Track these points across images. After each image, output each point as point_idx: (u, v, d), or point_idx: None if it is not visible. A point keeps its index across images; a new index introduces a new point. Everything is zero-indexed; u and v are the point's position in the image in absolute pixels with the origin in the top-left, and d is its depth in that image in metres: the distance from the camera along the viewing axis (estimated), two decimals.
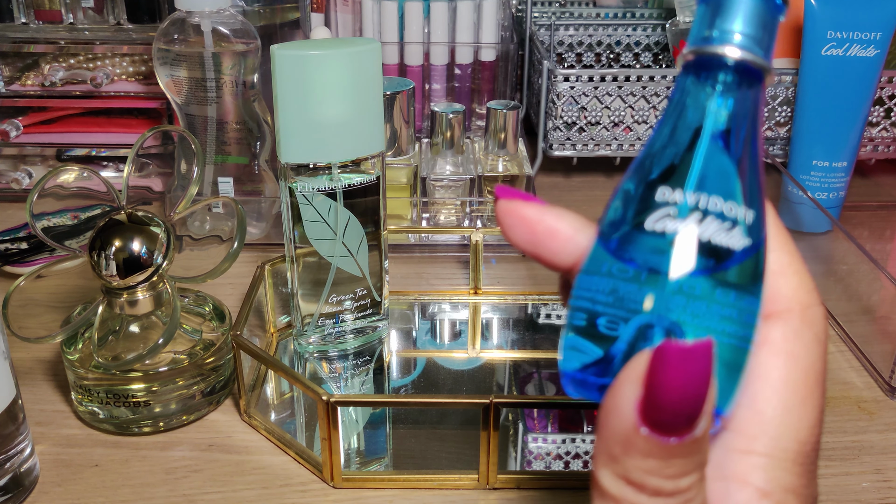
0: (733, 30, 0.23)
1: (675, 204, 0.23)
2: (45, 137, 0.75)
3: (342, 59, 0.46)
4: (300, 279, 0.52)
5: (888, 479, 0.45)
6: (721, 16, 0.23)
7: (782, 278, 0.24)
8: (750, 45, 0.23)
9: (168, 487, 0.44)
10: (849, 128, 0.69)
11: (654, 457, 0.20)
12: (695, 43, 0.24)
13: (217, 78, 0.63)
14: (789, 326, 0.24)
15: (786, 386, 0.23)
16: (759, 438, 0.23)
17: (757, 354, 0.23)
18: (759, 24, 0.23)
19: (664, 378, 0.20)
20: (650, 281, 0.22)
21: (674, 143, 0.24)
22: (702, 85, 0.24)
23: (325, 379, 0.53)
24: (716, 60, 0.23)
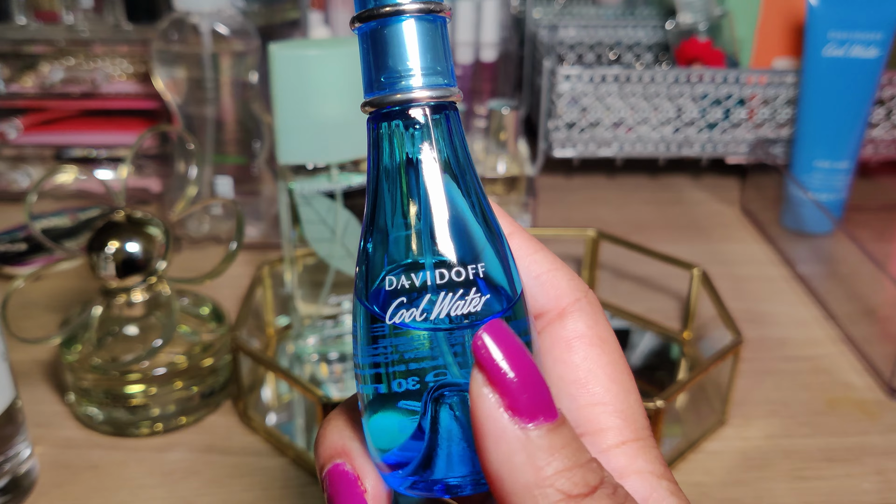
0: (407, 71, 0.21)
1: (403, 290, 0.22)
2: (44, 138, 0.75)
3: (341, 58, 0.46)
4: (299, 280, 0.52)
5: (889, 481, 0.45)
6: (390, 54, 0.22)
7: (557, 274, 0.24)
8: (428, 81, 0.22)
9: (166, 489, 0.44)
10: (850, 128, 0.69)
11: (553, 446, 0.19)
12: (370, 92, 0.22)
13: (216, 78, 0.63)
14: (587, 314, 0.24)
15: (615, 369, 0.23)
16: (619, 429, 0.23)
17: (573, 352, 0.23)
18: (432, 51, 0.22)
19: (497, 362, 0.19)
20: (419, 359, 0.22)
21: (385, 209, 0.22)
22: (392, 135, 0.22)
23: (324, 381, 0.53)
24: (400, 108, 0.22)
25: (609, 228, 0.62)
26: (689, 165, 0.85)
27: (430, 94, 0.21)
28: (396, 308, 0.22)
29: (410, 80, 0.21)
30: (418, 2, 0.21)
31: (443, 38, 0.22)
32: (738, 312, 0.58)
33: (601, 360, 0.23)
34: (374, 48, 0.22)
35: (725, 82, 0.74)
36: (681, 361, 0.55)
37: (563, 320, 0.23)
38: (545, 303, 0.24)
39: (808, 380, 0.53)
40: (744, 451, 0.47)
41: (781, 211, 0.71)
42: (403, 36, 0.21)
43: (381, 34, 0.22)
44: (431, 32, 0.22)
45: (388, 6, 0.21)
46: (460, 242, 0.22)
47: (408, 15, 0.21)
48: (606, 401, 0.23)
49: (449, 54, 0.22)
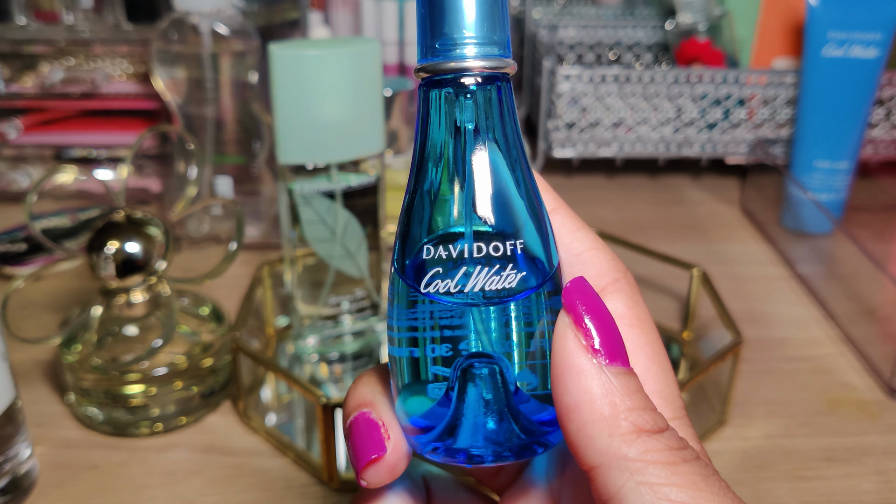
0: (463, 38, 0.21)
1: (442, 260, 0.22)
2: (44, 138, 0.75)
3: (341, 58, 0.46)
4: (299, 280, 0.52)
5: (890, 481, 0.45)
6: (447, 20, 0.21)
7: (598, 253, 0.25)
8: (483, 51, 0.21)
9: (166, 489, 0.43)
10: (850, 128, 0.69)
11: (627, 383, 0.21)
12: (423, 58, 0.22)
13: (215, 78, 0.63)
14: (626, 294, 0.24)
15: (653, 350, 0.24)
16: (659, 407, 0.23)
17: (637, 350, 0.24)
18: (488, 20, 0.21)
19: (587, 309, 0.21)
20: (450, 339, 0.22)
21: (429, 177, 0.22)
22: (443, 101, 0.22)
23: (324, 381, 0.53)
24: (453, 76, 0.22)
25: (609, 228, 0.62)
26: (688, 165, 0.85)
27: (484, 64, 0.21)
28: (432, 278, 0.22)
29: (465, 48, 0.21)
30: None
31: (501, 7, 0.22)
32: (737, 312, 0.58)
33: (640, 341, 0.24)
34: (431, 13, 0.21)
35: (725, 82, 0.75)
36: (681, 361, 0.55)
37: (604, 297, 0.24)
38: (599, 281, 0.24)
39: (808, 380, 0.53)
40: (744, 451, 0.47)
41: (781, 211, 0.71)
42: (461, 2, 0.21)
43: None
44: (489, 1, 0.21)
45: None
46: (501, 216, 0.22)
47: None
48: (646, 381, 0.23)
49: (506, 25, 0.22)
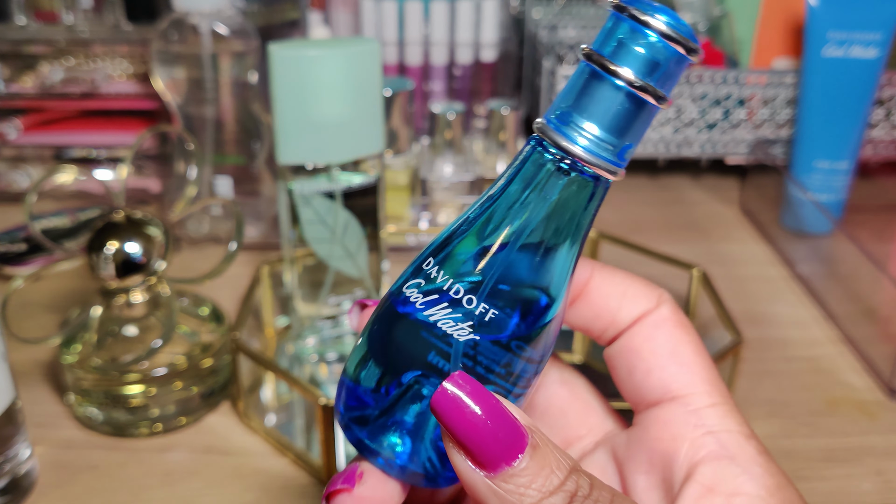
0: (584, 129, 0.21)
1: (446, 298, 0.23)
2: (44, 138, 0.75)
3: (341, 59, 0.46)
4: (299, 281, 0.52)
5: (889, 481, 0.45)
6: (590, 106, 0.21)
7: (636, 282, 0.27)
8: (598, 149, 0.21)
9: (166, 490, 0.43)
10: (850, 129, 0.69)
11: None
12: (553, 118, 0.22)
13: (215, 78, 0.63)
14: (670, 304, 0.27)
15: (697, 347, 0.26)
16: (708, 393, 0.25)
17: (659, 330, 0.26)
18: (622, 127, 0.21)
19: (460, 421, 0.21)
20: None
21: (503, 216, 0.23)
22: (573, 182, 0.22)
23: (324, 382, 0.53)
24: (557, 152, 0.22)
25: (609, 229, 0.62)
26: (688, 166, 0.85)
27: (591, 158, 0.22)
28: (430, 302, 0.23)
29: (583, 138, 0.21)
30: (650, 83, 0.21)
31: (642, 124, 0.22)
32: (737, 313, 0.58)
33: (685, 339, 0.26)
34: (584, 90, 0.21)
35: (725, 82, 0.74)
36: None
37: (657, 310, 0.26)
38: (639, 310, 0.26)
39: (808, 380, 0.53)
40: None
41: (781, 211, 0.71)
42: (613, 100, 0.21)
43: (597, 82, 0.21)
44: (635, 113, 0.21)
45: (625, 70, 0.21)
46: (522, 297, 0.23)
47: (631, 89, 0.21)
48: (695, 371, 0.25)
49: (637, 140, 0.22)
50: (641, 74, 0.21)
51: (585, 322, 0.27)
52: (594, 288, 0.27)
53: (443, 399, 0.21)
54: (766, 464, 0.23)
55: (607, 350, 0.27)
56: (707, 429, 0.24)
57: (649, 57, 0.21)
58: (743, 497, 0.23)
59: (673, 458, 0.24)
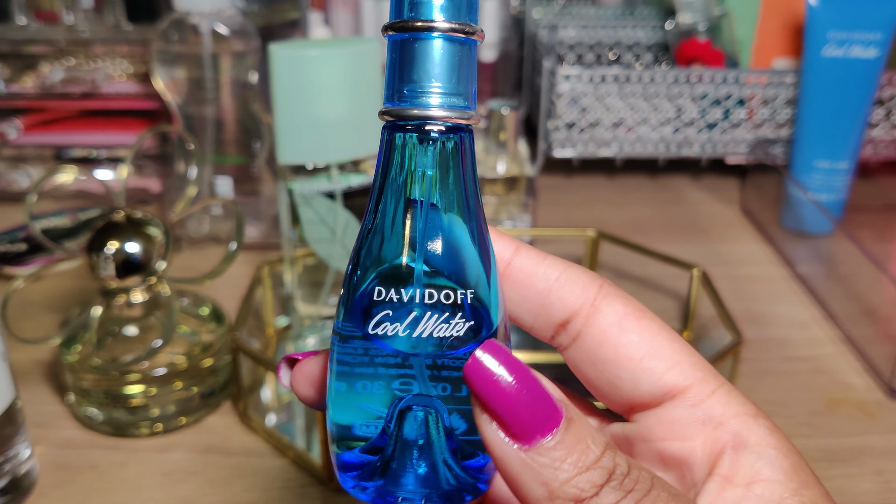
0: (430, 87, 0.22)
1: (391, 303, 0.22)
2: (44, 138, 0.75)
3: (341, 58, 0.46)
4: (299, 280, 0.52)
5: (889, 481, 0.45)
6: (416, 68, 0.22)
7: (572, 272, 0.25)
8: (449, 101, 0.22)
9: (166, 490, 0.43)
10: (850, 128, 0.69)
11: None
12: (390, 101, 0.22)
13: (216, 78, 0.63)
14: (616, 296, 0.25)
15: (668, 332, 0.25)
16: (704, 380, 0.24)
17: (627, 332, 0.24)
18: (457, 72, 0.22)
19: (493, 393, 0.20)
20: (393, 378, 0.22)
21: (387, 219, 0.22)
22: (405, 146, 0.22)
23: None
24: (415, 123, 0.22)
25: (609, 229, 0.62)
26: (688, 166, 0.85)
27: (449, 114, 0.22)
28: (381, 319, 0.22)
29: (431, 97, 0.22)
30: (452, 21, 0.21)
31: (470, 60, 0.22)
32: (737, 313, 0.58)
33: (653, 328, 0.25)
34: (402, 59, 0.22)
35: (725, 82, 0.74)
36: None
37: (600, 310, 0.24)
38: (574, 300, 0.24)
39: (808, 380, 0.53)
40: None
41: (781, 211, 0.71)
42: (432, 53, 0.21)
43: (410, 46, 0.22)
44: (459, 53, 0.22)
45: (422, 21, 0.21)
46: (454, 265, 0.22)
47: (440, 33, 0.21)
48: (680, 360, 0.24)
49: (473, 77, 0.22)
50: (445, 17, 0.21)
51: (512, 306, 0.25)
52: (518, 267, 0.25)
53: (476, 368, 0.20)
54: (779, 444, 0.23)
55: (567, 358, 0.25)
56: (716, 421, 0.24)
57: (450, 3, 0.21)
58: (762, 483, 0.22)
59: (689, 459, 0.24)
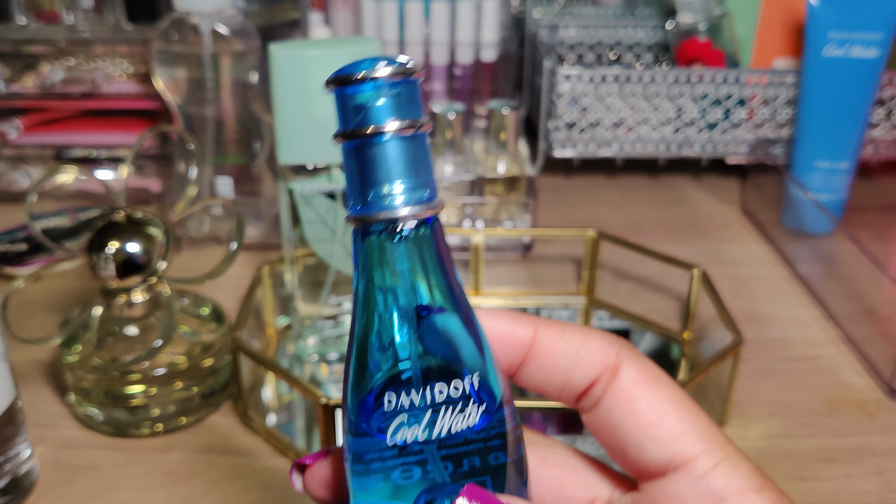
0: (392, 188, 0.22)
1: (404, 409, 0.22)
2: (44, 138, 0.75)
3: (342, 58, 0.46)
4: (299, 280, 0.52)
5: (890, 481, 0.45)
6: (376, 171, 0.22)
7: (591, 341, 0.25)
8: (413, 197, 0.22)
9: (166, 490, 0.44)
10: (851, 128, 0.69)
11: None
12: (356, 208, 0.22)
13: (216, 78, 0.63)
14: (632, 361, 0.25)
15: (679, 400, 0.25)
16: (708, 452, 0.24)
17: (637, 399, 0.24)
18: (414, 167, 0.22)
19: None
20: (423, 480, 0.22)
21: (377, 323, 0.22)
22: (380, 248, 0.22)
23: (325, 381, 0.53)
24: (384, 225, 0.22)
25: (609, 229, 0.62)
26: (689, 166, 0.85)
27: (415, 209, 0.22)
28: (398, 428, 0.22)
29: (396, 198, 0.22)
30: (400, 120, 0.21)
31: (423, 150, 0.22)
32: (738, 313, 0.58)
33: (663, 397, 0.24)
34: (359, 165, 0.22)
35: (725, 82, 0.74)
36: (681, 362, 0.55)
37: (616, 376, 0.24)
38: (594, 370, 0.24)
39: (809, 380, 0.53)
40: (744, 451, 0.47)
41: (781, 211, 0.71)
42: (387, 155, 0.22)
43: (364, 152, 0.22)
44: (413, 149, 0.22)
45: (371, 127, 0.21)
46: (454, 354, 0.22)
47: (391, 135, 0.21)
48: (686, 430, 0.24)
49: (429, 164, 0.22)
50: (392, 117, 0.21)
51: (538, 384, 0.25)
52: (540, 348, 0.25)
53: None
54: None
55: (586, 421, 0.26)
56: (717, 496, 0.23)
57: (384, 101, 0.21)
58: None
59: None
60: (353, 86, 0.22)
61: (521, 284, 0.64)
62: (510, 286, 0.63)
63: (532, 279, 0.65)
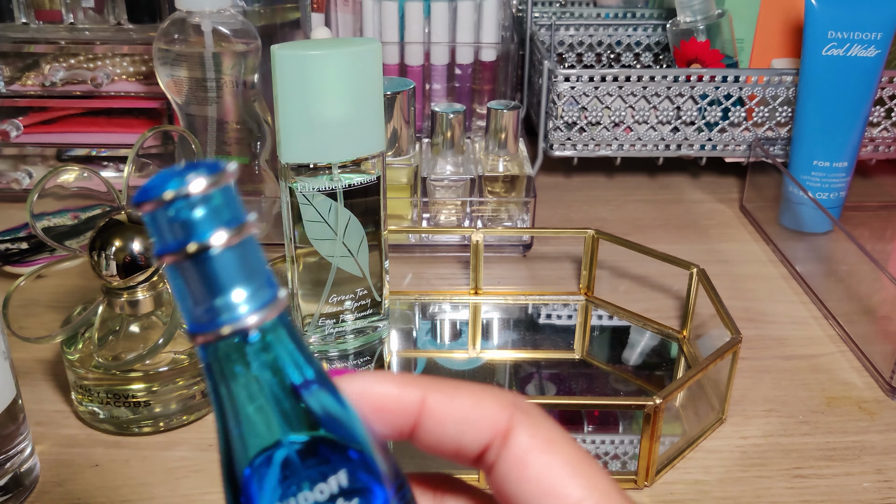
0: (231, 299, 0.20)
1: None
2: (46, 137, 0.75)
3: (342, 59, 0.46)
4: (300, 279, 0.52)
5: (889, 480, 0.45)
6: (209, 289, 0.20)
7: (481, 405, 0.24)
8: (255, 302, 0.20)
9: (168, 487, 0.44)
10: (849, 128, 0.69)
11: None
12: (197, 325, 0.21)
13: (217, 78, 0.63)
14: (524, 425, 0.24)
15: (575, 465, 0.24)
16: None
17: (529, 468, 0.23)
18: (246, 270, 0.20)
19: None
20: None
21: (245, 425, 0.21)
22: (233, 359, 0.21)
23: None
24: (232, 336, 0.20)
25: (608, 227, 0.62)
26: (688, 165, 0.85)
27: (261, 314, 0.21)
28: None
29: (238, 308, 0.20)
30: (222, 229, 0.20)
31: (254, 250, 0.21)
32: (736, 311, 0.58)
33: (556, 462, 0.23)
34: (189, 284, 0.20)
35: (725, 82, 0.75)
36: (679, 360, 0.56)
37: (507, 441, 0.23)
38: (485, 436, 0.23)
39: (807, 378, 0.53)
40: (742, 449, 0.47)
41: (780, 210, 0.71)
42: (217, 268, 0.20)
43: (192, 271, 0.20)
44: (242, 253, 0.20)
45: (195, 244, 0.20)
46: (339, 449, 0.21)
47: (218, 249, 0.20)
48: (583, 496, 0.22)
49: (263, 262, 0.21)
50: (214, 228, 0.20)
51: (431, 449, 0.24)
52: (428, 413, 0.23)
53: None
54: None
55: (489, 485, 0.24)
56: None
57: (203, 214, 0.20)
58: None
59: None
60: (167, 206, 0.20)
61: (521, 283, 0.64)
62: (510, 285, 0.64)
63: (531, 278, 0.65)
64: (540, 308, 0.61)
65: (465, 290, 0.62)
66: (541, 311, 0.61)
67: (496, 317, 0.61)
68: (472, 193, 0.68)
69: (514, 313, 0.61)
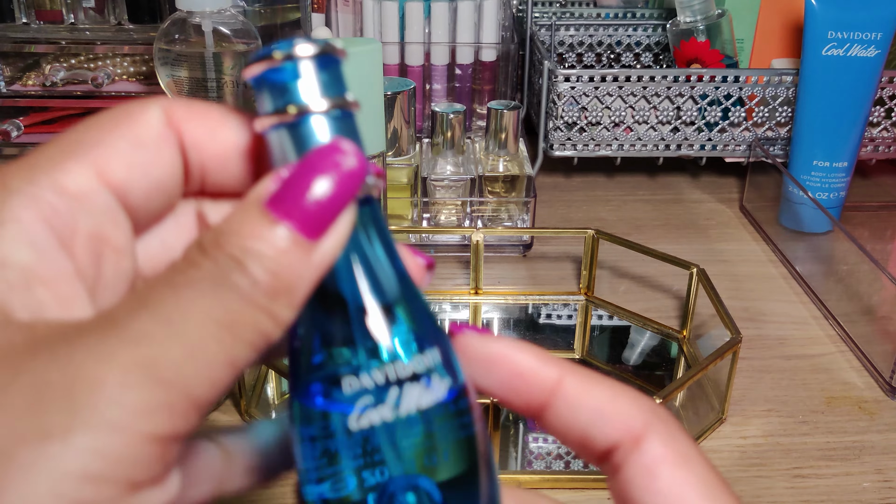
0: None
1: (366, 391, 0.20)
2: (47, 137, 0.75)
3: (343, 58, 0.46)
4: None
5: (889, 480, 0.45)
6: None
7: (619, 401, 0.23)
8: None
9: None
10: (849, 128, 0.69)
11: None
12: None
13: (218, 78, 0.63)
14: (661, 433, 0.23)
15: (706, 486, 0.23)
16: None
17: (656, 479, 0.22)
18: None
19: None
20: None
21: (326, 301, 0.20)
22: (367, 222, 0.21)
23: None
24: None
25: (608, 227, 0.63)
26: (687, 165, 0.85)
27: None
28: (363, 409, 0.20)
29: None
30: (324, 99, 0.20)
31: (353, 128, 0.21)
32: (736, 311, 0.58)
33: (689, 480, 0.22)
34: (286, 150, 0.20)
35: (725, 82, 0.75)
36: (679, 360, 0.56)
37: (639, 447, 0.22)
38: (616, 434, 0.22)
39: (807, 378, 0.53)
40: (742, 449, 0.47)
41: (780, 210, 0.71)
42: (314, 136, 0.20)
43: (290, 135, 0.20)
44: (341, 126, 0.21)
45: (293, 107, 0.20)
46: (412, 329, 0.21)
47: (314, 115, 0.20)
48: None
49: (361, 144, 0.21)
50: (316, 95, 0.20)
51: (558, 434, 0.23)
52: (563, 396, 0.23)
53: None
54: None
55: (608, 485, 0.23)
56: None
57: (307, 78, 0.20)
58: None
59: None
60: (274, 68, 0.20)
61: (521, 283, 0.64)
62: (510, 285, 0.64)
63: (531, 278, 0.65)
64: (540, 308, 0.61)
65: (465, 290, 0.62)
66: (541, 311, 0.61)
67: (496, 317, 0.61)
68: (473, 193, 0.68)
69: (515, 313, 0.61)
